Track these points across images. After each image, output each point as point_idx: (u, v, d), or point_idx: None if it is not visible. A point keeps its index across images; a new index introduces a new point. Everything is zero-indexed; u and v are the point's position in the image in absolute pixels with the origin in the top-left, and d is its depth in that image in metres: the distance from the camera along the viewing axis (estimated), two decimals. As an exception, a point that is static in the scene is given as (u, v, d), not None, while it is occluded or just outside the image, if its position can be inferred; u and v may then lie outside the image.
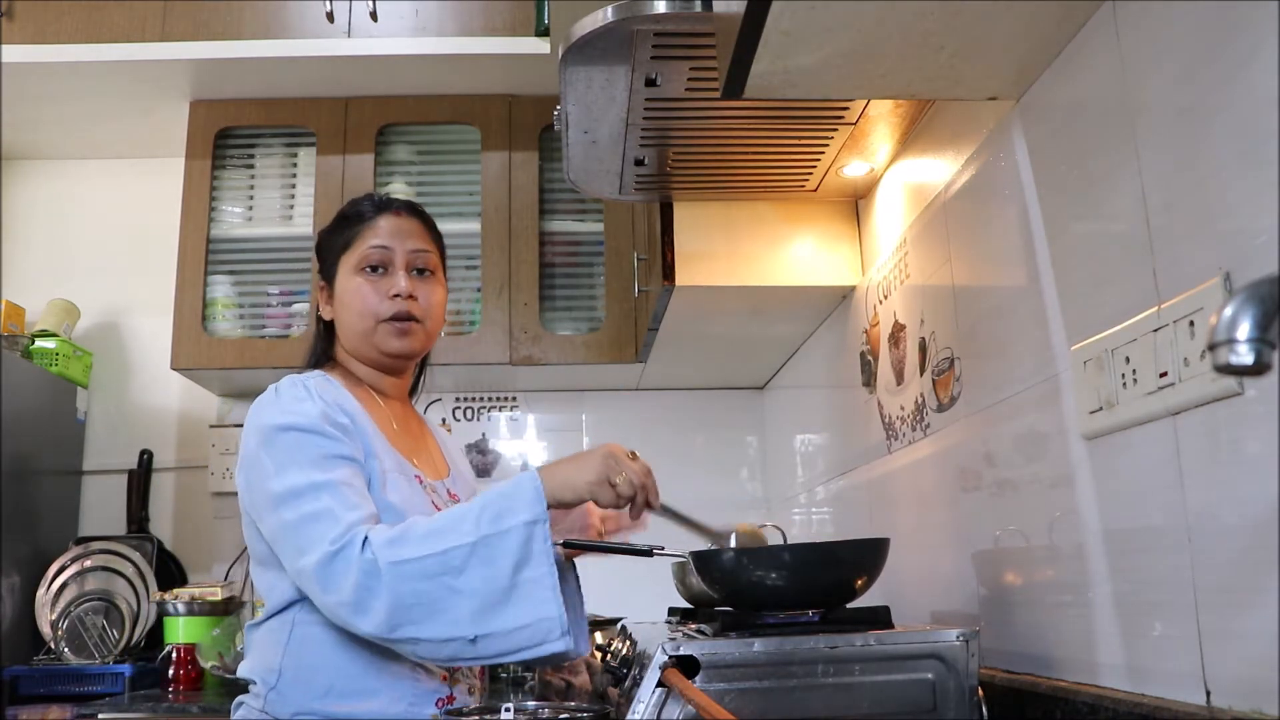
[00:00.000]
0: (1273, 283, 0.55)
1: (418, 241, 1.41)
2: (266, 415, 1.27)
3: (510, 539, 1.15)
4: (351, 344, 1.40)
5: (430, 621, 1.13)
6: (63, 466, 2.63)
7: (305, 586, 1.19)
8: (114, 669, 2.23)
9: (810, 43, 1.05)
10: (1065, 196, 1.13)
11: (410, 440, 1.41)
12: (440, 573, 1.13)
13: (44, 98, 2.54)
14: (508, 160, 2.54)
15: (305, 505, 1.19)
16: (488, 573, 1.14)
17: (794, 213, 1.89)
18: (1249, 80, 0.81)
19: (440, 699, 1.28)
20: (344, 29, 2.40)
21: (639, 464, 1.25)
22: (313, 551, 1.16)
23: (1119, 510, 1.03)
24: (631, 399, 2.80)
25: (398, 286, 1.37)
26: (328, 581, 1.15)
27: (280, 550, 1.22)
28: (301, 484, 1.20)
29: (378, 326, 1.37)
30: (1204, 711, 0.87)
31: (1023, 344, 1.22)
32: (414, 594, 1.13)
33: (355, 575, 1.13)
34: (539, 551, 1.15)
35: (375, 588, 1.12)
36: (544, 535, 1.16)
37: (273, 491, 1.21)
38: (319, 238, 1.48)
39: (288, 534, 1.19)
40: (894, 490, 1.72)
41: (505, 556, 1.14)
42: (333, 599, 1.15)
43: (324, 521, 1.17)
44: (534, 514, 1.16)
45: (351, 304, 1.38)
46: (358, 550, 1.14)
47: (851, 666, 1.12)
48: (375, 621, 1.13)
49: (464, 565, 1.13)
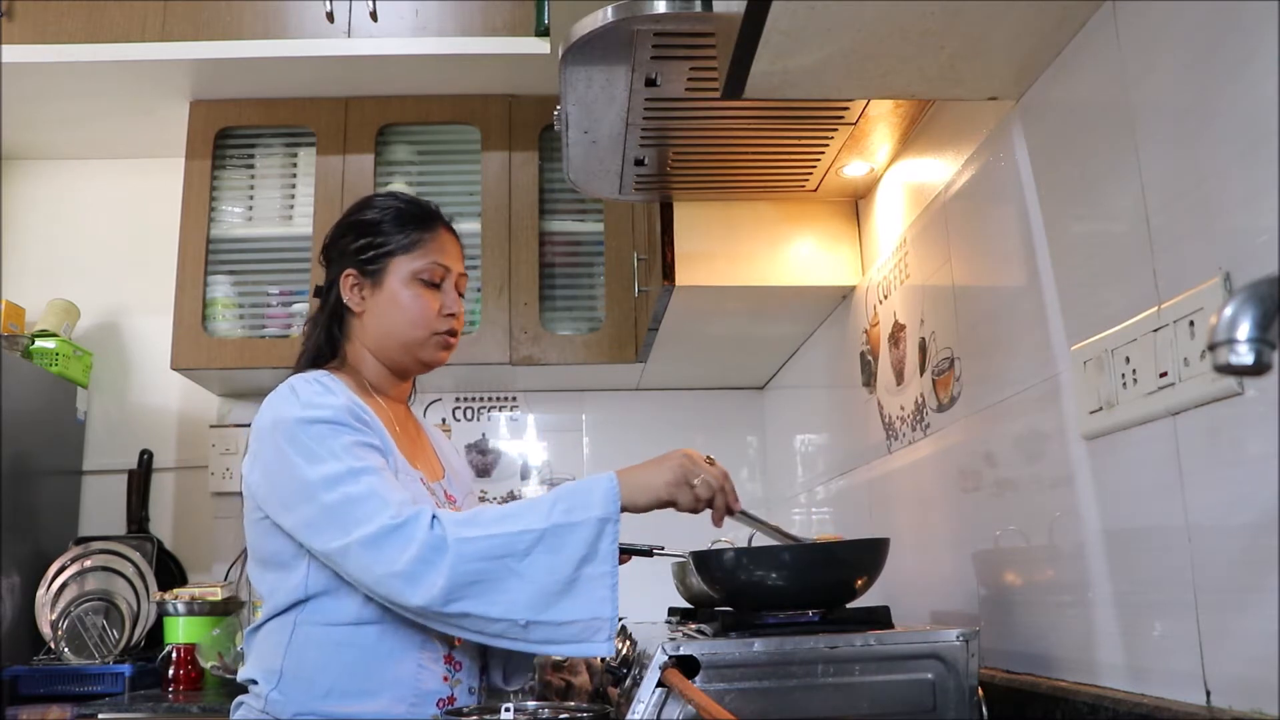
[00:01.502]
0: (1273, 283, 0.55)
1: (463, 265, 1.45)
2: (287, 410, 1.26)
3: (579, 532, 1.16)
4: (384, 344, 1.39)
5: (487, 598, 1.14)
6: (63, 466, 2.63)
7: (348, 561, 1.17)
8: (114, 669, 2.23)
9: (810, 43, 1.05)
10: (1065, 196, 1.13)
11: (409, 443, 1.41)
12: (505, 554, 1.15)
13: (44, 98, 2.54)
14: (508, 160, 2.54)
15: (347, 488, 1.19)
16: (552, 562, 1.15)
17: (794, 213, 1.89)
18: (1249, 80, 0.81)
19: (441, 699, 1.28)
20: (344, 29, 2.40)
21: (717, 468, 1.26)
22: (365, 526, 1.15)
23: (1119, 510, 1.03)
24: (631, 399, 2.80)
25: (455, 306, 1.41)
26: (380, 553, 1.14)
27: (315, 534, 1.20)
28: (340, 470, 1.20)
29: (429, 338, 1.38)
30: (1204, 711, 0.87)
31: (1023, 344, 1.22)
32: (476, 571, 1.14)
33: (416, 548, 1.13)
34: (605, 550, 1.17)
35: (437, 561, 1.13)
36: (613, 535, 1.17)
37: (307, 479, 1.20)
38: (362, 222, 1.41)
39: (328, 515, 1.18)
40: (894, 490, 1.72)
41: (572, 549, 1.16)
42: (382, 570, 1.14)
43: (371, 501, 1.17)
44: (607, 512, 1.18)
45: (410, 309, 1.37)
46: (425, 525, 1.15)
47: (851, 666, 1.12)
48: (429, 594, 1.13)
49: (530, 550, 1.15)
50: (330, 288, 1.42)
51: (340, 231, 1.44)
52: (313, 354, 1.41)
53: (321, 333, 1.42)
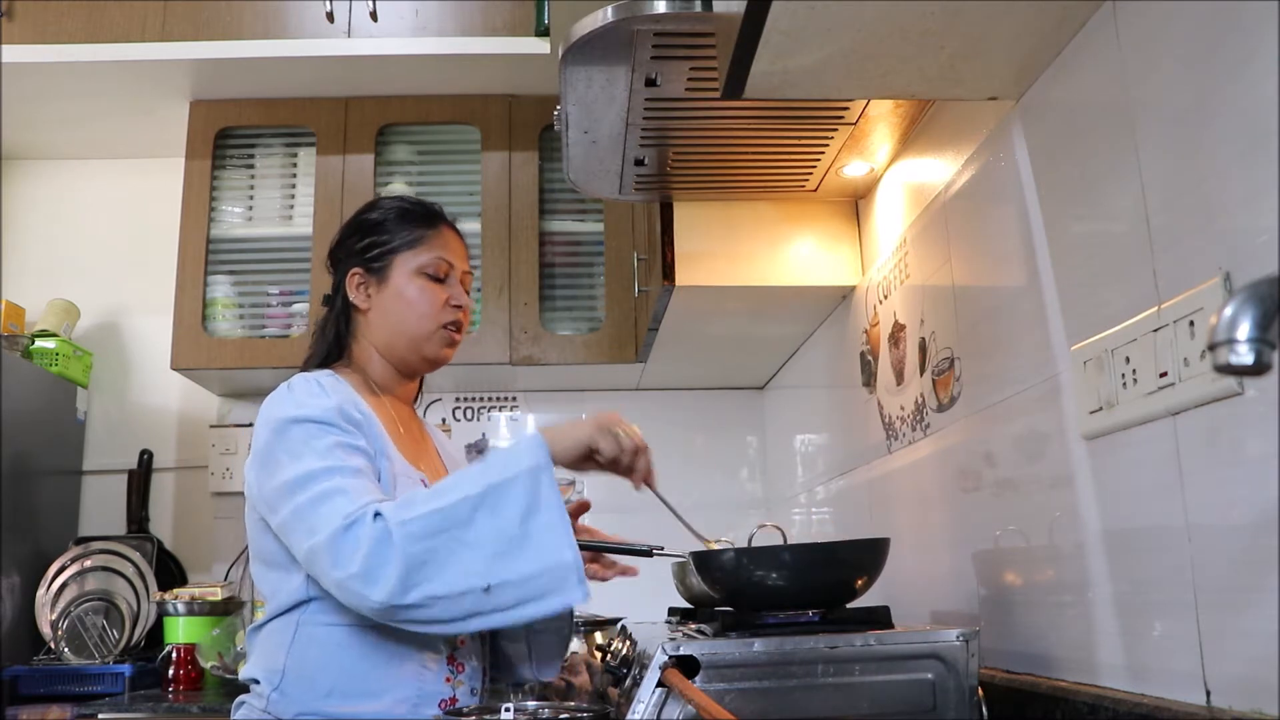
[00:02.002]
0: (1273, 283, 0.55)
1: (468, 264, 1.46)
2: (280, 409, 1.27)
3: (515, 487, 1.15)
4: (392, 340, 1.39)
5: (441, 575, 1.12)
6: (63, 466, 2.63)
7: (316, 567, 1.18)
8: (114, 669, 2.23)
9: (810, 43, 1.05)
10: (1065, 196, 1.13)
11: (413, 444, 1.41)
12: (447, 527, 1.13)
13: (44, 98, 2.54)
14: (508, 160, 2.54)
15: (319, 486, 1.18)
16: (495, 522, 1.14)
17: (794, 213, 1.89)
18: (1249, 80, 0.81)
19: (443, 700, 1.28)
20: (344, 29, 2.40)
21: (636, 431, 1.27)
22: (325, 528, 1.15)
23: (1119, 510, 1.03)
24: (631, 399, 2.80)
25: (461, 299, 1.42)
26: (338, 555, 1.14)
27: (292, 536, 1.20)
28: (317, 468, 1.20)
29: (436, 331, 1.39)
30: (1204, 711, 0.87)
31: (1023, 344, 1.22)
32: (424, 551, 1.12)
33: (367, 545, 1.13)
34: (546, 498, 1.16)
35: (386, 554, 1.12)
36: (550, 481, 1.16)
37: (287, 479, 1.20)
38: (366, 222, 1.44)
39: (301, 516, 1.18)
40: (894, 490, 1.72)
41: (512, 505, 1.15)
42: (342, 573, 1.14)
43: (337, 499, 1.17)
44: (536, 460, 1.17)
45: (417, 303, 1.38)
46: (369, 522, 1.14)
47: (851, 666, 1.12)
48: (388, 588, 1.12)
49: (470, 518, 1.14)
50: (337, 290, 1.44)
51: (345, 233, 1.46)
52: (321, 355, 1.42)
53: (330, 332, 1.43)
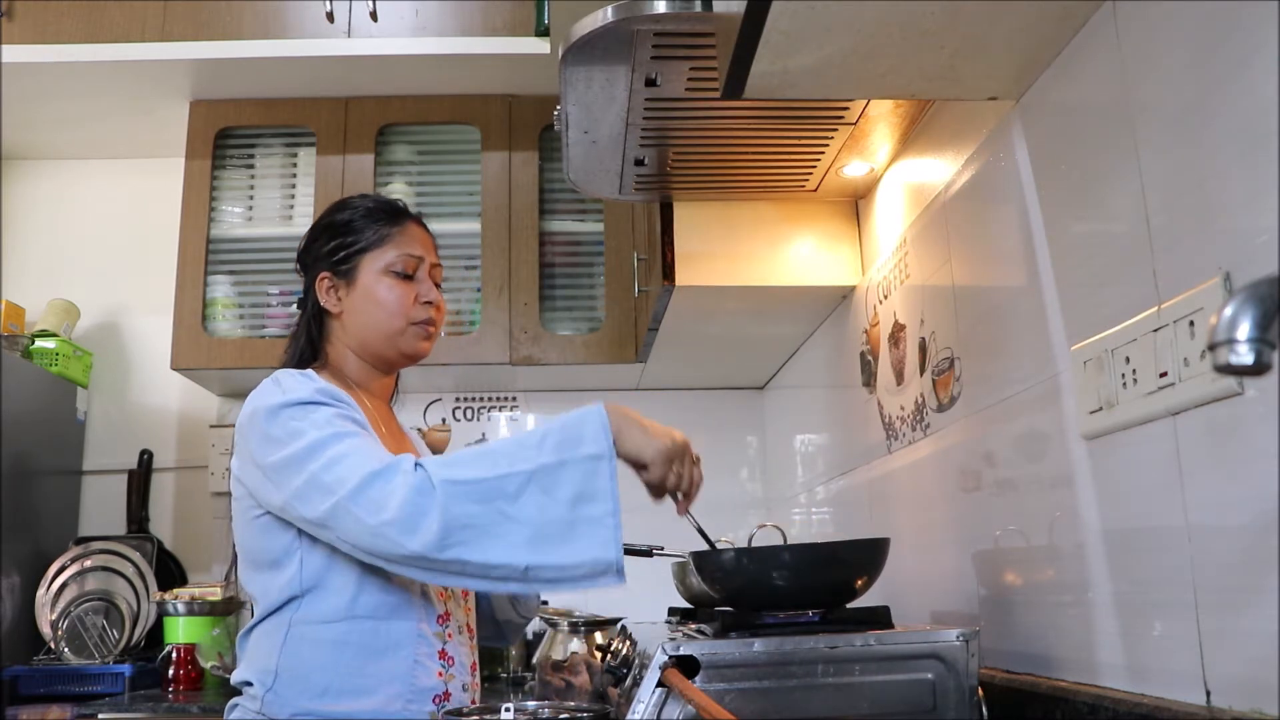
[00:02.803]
0: (1273, 283, 0.55)
1: (436, 257, 1.45)
2: (269, 399, 1.26)
3: (570, 471, 1.12)
4: (366, 339, 1.39)
5: (481, 545, 1.10)
6: (63, 466, 2.63)
7: (338, 522, 1.14)
8: (114, 669, 2.23)
9: (810, 43, 1.05)
10: (1065, 196, 1.13)
11: (393, 441, 1.41)
12: (494, 497, 1.10)
13: (44, 98, 2.54)
14: (508, 160, 2.54)
15: (330, 450, 1.16)
16: (544, 502, 1.11)
17: (794, 213, 1.89)
18: (1249, 80, 0.81)
19: (437, 695, 1.28)
20: (344, 29, 2.40)
21: (699, 470, 1.25)
22: (348, 482, 1.13)
23: (1119, 510, 1.03)
24: (631, 399, 2.80)
25: (431, 294, 1.41)
26: (368, 503, 1.11)
27: (304, 502, 1.17)
28: (323, 436, 1.18)
29: (408, 328, 1.39)
30: (1204, 711, 0.87)
31: (1023, 344, 1.22)
32: (467, 515, 1.10)
33: (404, 492, 1.10)
34: (603, 489, 1.12)
35: (427, 505, 1.09)
36: (609, 472, 1.13)
37: (293, 452, 1.18)
38: (331, 225, 1.43)
39: (315, 481, 1.16)
40: (894, 490, 1.72)
41: (564, 488, 1.11)
42: (375, 519, 1.10)
43: (353, 458, 1.15)
44: (599, 449, 1.13)
45: (385, 302, 1.38)
46: (407, 469, 1.12)
47: (851, 666, 1.11)
48: (426, 539, 1.09)
49: (519, 492, 1.11)
50: (307, 294, 1.44)
51: (311, 237, 1.45)
52: (294, 360, 1.42)
53: (303, 336, 1.43)
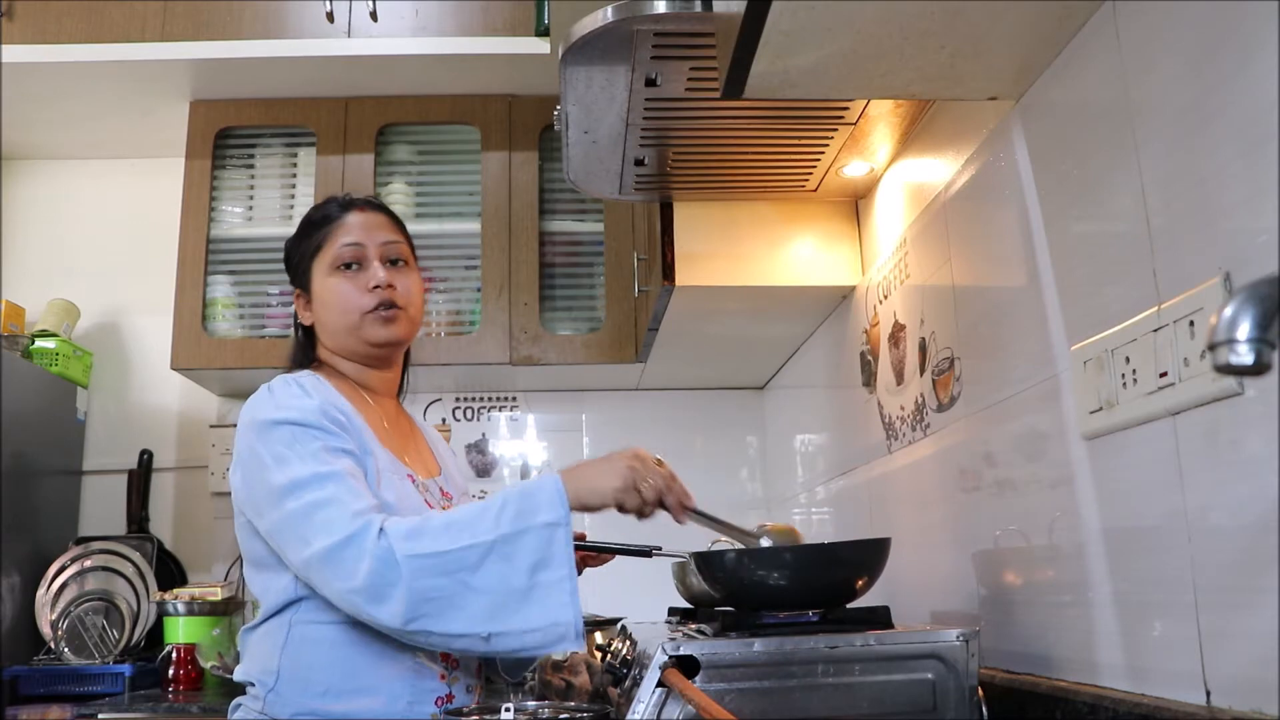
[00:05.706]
0: (1273, 283, 0.55)
1: (387, 233, 1.42)
2: (261, 411, 1.27)
3: (529, 539, 1.15)
4: (336, 342, 1.40)
5: (445, 617, 1.13)
6: (63, 466, 2.63)
7: (313, 576, 1.18)
8: (114, 669, 2.23)
9: (810, 43, 1.05)
10: (1065, 196, 1.13)
11: (400, 439, 1.41)
12: (456, 569, 1.13)
13: (44, 98, 2.54)
14: (508, 160, 2.54)
15: (310, 495, 1.18)
16: (504, 570, 1.14)
17: (794, 213, 1.89)
18: (1249, 80, 0.81)
19: (439, 697, 1.28)
20: (344, 29, 2.40)
21: (664, 469, 1.26)
22: (322, 538, 1.15)
23: (1119, 510, 1.03)
24: (631, 399, 2.80)
25: (377, 278, 1.38)
26: (339, 567, 1.14)
27: (284, 542, 1.20)
28: (305, 475, 1.19)
29: (363, 319, 1.37)
30: (1204, 711, 0.87)
31: (1023, 344, 1.22)
32: (431, 589, 1.13)
33: (369, 562, 1.12)
34: (559, 555, 1.16)
35: (392, 579, 1.12)
36: (565, 539, 1.16)
37: (274, 485, 1.20)
38: (286, 248, 1.47)
39: (293, 524, 1.18)
40: (894, 490, 1.72)
41: (523, 557, 1.14)
42: (344, 585, 1.14)
43: (331, 508, 1.17)
44: (555, 516, 1.17)
45: (333, 302, 1.38)
46: (373, 537, 1.14)
47: (851, 666, 1.11)
48: (392, 612, 1.13)
49: (480, 563, 1.14)
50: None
51: (284, 257, 1.49)
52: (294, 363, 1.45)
53: (298, 350, 1.46)
